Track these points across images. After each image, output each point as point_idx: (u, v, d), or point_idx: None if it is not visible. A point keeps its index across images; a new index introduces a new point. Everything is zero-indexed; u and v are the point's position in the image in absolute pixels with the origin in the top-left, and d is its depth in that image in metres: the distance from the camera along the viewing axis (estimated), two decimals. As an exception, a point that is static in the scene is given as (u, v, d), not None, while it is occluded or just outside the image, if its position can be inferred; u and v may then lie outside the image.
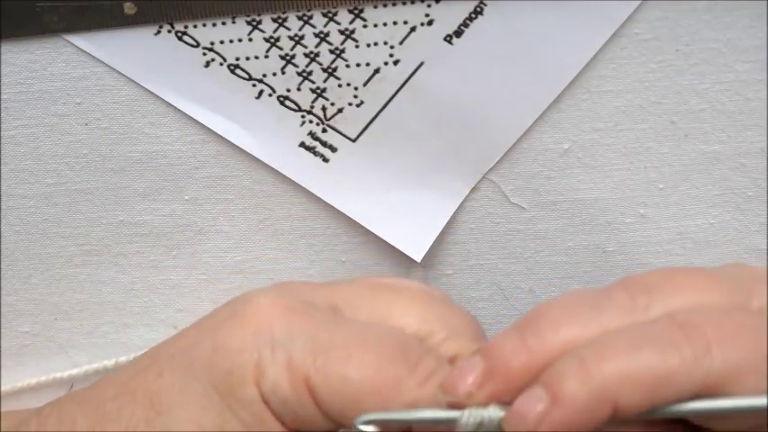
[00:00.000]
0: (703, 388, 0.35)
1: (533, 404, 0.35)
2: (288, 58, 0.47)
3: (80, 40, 0.46)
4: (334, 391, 0.38)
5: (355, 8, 0.46)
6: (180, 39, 0.46)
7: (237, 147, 0.48)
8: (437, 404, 0.38)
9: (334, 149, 0.48)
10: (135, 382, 0.41)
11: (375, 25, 0.46)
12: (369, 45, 0.46)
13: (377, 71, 0.47)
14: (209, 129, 0.48)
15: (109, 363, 0.51)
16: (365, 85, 0.47)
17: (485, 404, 0.37)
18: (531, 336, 0.36)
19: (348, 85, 0.47)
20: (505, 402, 0.36)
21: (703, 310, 0.36)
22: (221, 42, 0.46)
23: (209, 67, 0.47)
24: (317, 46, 0.46)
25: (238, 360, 0.39)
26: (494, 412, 0.37)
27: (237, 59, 0.47)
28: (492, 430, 0.37)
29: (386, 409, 0.38)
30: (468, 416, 0.37)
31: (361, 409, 0.38)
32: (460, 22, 0.45)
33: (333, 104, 0.47)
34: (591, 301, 0.37)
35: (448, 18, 0.45)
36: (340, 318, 0.41)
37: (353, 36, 0.46)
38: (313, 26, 0.46)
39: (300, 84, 0.47)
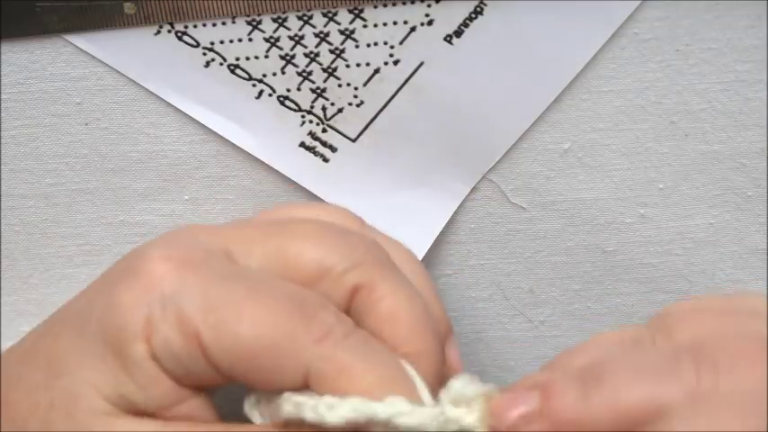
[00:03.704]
0: None
1: None
2: (288, 58, 0.47)
3: (80, 40, 0.46)
4: (225, 349, 0.38)
5: (355, 8, 0.46)
6: (180, 39, 0.46)
7: (237, 147, 0.48)
8: (334, 364, 0.37)
9: (334, 149, 0.48)
10: (36, 346, 0.41)
11: (375, 25, 0.46)
12: (369, 45, 0.46)
13: (377, 71, 0.47)
14: (209, 129, 0.48)
15: None
16: (365, 85, 0.47)
17: None
18: (595, 393, 0.36)
19: (348, 85, 0.47)
20: None
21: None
22: (221, 42, 0.46)
23: (209, 67, 0.47)
24: (317, 46, 0.46)
25: (129, 317, 0.38)
26: None
27: (237, 59, 0.47)
28: None
29: (280, 366, 0.37)
30: None
31: (254, 365, 0.38)
32: (460, 22, 0.45)
33: (333, 104, 0.47)
34: (658, 369, 0.36)
35: (448, 18, 0.45)
36: (235, 269, 0.40)
37: (353, 36, 0.46)
38: (313, 26, 0.46)
39: (300, 84, 0.47)
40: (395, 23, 0.46)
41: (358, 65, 0.46)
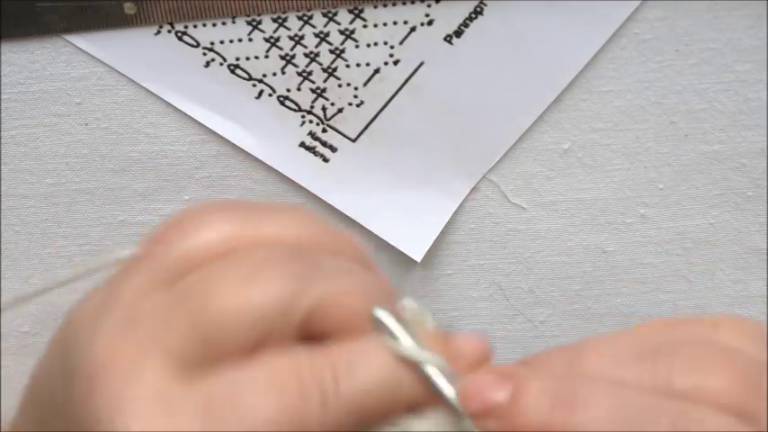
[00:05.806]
0: None
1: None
2: (288, 58, 0.47)
3: (80, 40, 0.47)
4: None
5: (355, 8, 0.46)
6: (180, 39, 0.46)
7: (237, 147, 0.48)
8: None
9: (334, 149, 0.48)
10: None
11: (375, 25, 0.46)
12: (369, 45, 0.46)
13: (377, 71, 0.47)
14: (209, 129, 0.48)
15: None
16: (365, 85, 0.47)
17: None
18: (562, 409, 0.36)
19: (348, 85, 0.47)
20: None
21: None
22: (221, 42, 0.46)
23: (210, 67, 0.47)
24: (317, 46, 0.46)
25: None
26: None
27: (237, 59, 0.47)
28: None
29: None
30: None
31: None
32: (460, 22, 0.45)
33: (333, 104, 0.47)
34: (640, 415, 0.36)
35: (448, 18, 0.45)
36: None
37: (353, 36, 0.46)
38: (313, 26, 0.46)
39: (300, 84, 0.47)
40: (395, 23, 0.46)
41: (358, 65, 0.47)
